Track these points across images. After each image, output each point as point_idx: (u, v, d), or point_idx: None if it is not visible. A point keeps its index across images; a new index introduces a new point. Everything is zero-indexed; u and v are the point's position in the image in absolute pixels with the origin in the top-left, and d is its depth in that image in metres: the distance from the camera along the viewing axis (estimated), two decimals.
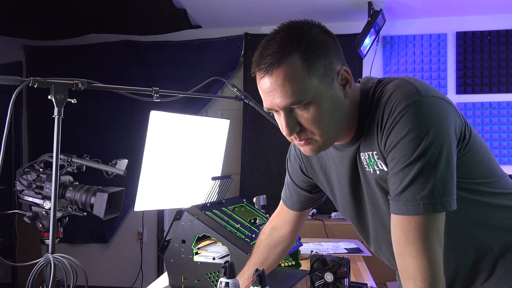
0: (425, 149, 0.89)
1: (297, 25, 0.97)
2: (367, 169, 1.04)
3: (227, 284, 1.11)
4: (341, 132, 1.03)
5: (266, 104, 1.00)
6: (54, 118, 1.19)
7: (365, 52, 3.75)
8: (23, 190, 1.43)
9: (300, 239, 1.85)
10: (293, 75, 0.94)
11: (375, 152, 1.00)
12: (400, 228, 0.93)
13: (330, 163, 1.18)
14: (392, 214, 0.96)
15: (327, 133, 0.99)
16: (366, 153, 1.03)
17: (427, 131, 0.89)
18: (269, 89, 0.96)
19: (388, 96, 0.96)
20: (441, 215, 0.92)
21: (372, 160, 1.02)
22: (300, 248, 1.89)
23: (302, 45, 0.94)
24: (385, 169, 0.99)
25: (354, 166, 1.08)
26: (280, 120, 1.00)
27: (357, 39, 3.62)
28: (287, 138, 1.03)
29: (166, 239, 1.71)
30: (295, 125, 0.98)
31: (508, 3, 3.65)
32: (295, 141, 1.03)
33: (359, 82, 1.09)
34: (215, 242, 1.74)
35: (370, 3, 3.63)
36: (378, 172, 1.01)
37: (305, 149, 1.03)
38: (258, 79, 0.99)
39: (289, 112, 0.97)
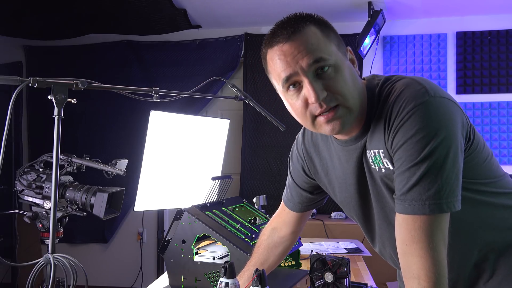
0: (432, 150, 0.89)
1: (300, 13, 1.01)
2: (372, 166, 1.04)
3: (227, 284, 1.11)
4: (359, 110, 1.01)
5: (287, 72, 0.97)
6: (54, 118, 1.19)
7: (365, 52, 3.76)
8: (23, 190, 1.43)
9: (300, 239, 1.84)
10: (315, 38, 0.97)
11: (382, 150, 1.00)
12: (405, 228, 0.93)
13: (334, 163, 1.17)
14: (397, 213, 0.96)
15: (352, 98, 0.98)
16: (372, 151, 1.03)
17: (435, 132, 0.90)
18: (294, 53, 0.95)
19: (397, 95, 0.96)
20: (446, 215, 0.92)
21: (378, 158, 1.01)
22: (300, 248, 1.89)
23: (314, 20, 0.99)
24: (391, 168, 0.99)
25: (360, 164, 1.08)
26: (299, 96, 0.98)
27: (357, 39, 3.62)
28: (310, 114, 0.98)
29: (166, 239, 1.71)
30: (321, 90, 0.95)
31: (508, 3, 3.65)
32: (320, 118, 0.98)
33: (364, 79, 1.09)
34: (215, 242, 1.74)
35: (370, 3, 3.63)
36: (383, 170, 1.01)
37: (334, 125, 0.98)
38: (278, 48, 0.97)
39: (314, 77, 0.96)
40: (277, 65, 0.98)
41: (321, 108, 0.96)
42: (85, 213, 1.42)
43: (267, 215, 1.85)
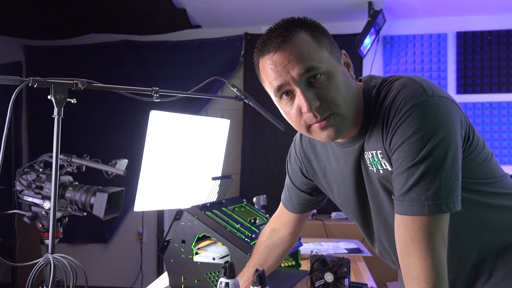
0: (431, 150, 0.89)
1: (292, 18, 1.00)
2: (370, 168, 1.04)
3: (227, 284, 1.11)
4: (353, 115, 1.00)
5: (278, 81, 0.96)
6: (54, 118, 1.19)
7: (365, 52, 3.75)
8: (23, 190, 1.43)
9: (300, 239, 1.84)
10: (306, 46, 0.95)
11: (380, 151, 0.99)
12: (405, 228, 0.93)
13: (332, 164, 1.17)
14: (396, 214, 0.95)
15: (346, 106, 0.97)
16: (370, 152, 1.02)
17: (433, 132, 0.89)
18: (284, 62, 0.94)
19: (394, 95, 0.96)
20: (445, 215, 0.91)
21: (376, 159, 1.01)
22: (300, 248, 1.89)
23: (306, 26, 0.97)
24: (389, 169, 0.98)
25: (358, 166, 1.08)
26: (293, 105, 0.97)
27: (357, 39, 3.62)
28: (305, 123, 0.98)
29: (166, 239, 1.71)
30: (314, 100, 0.94)
31: (508, 3, 3.65)
32: (314, 126, 0.97)
33: (360, 80, 1.08)
34: (215, 242, 1.74)
35: (370, 3, 3.63)
36: (381, 171, 1.01)
37: (328, 133, 0.98)
38: (268, 58, 0.96)
39: (306, 87, 0.95)
40: (268, 74, 0.97)
41: (315, 119, 0.96)
42: (85, 213, 1.42)
43: (267, 215, 1.85)
